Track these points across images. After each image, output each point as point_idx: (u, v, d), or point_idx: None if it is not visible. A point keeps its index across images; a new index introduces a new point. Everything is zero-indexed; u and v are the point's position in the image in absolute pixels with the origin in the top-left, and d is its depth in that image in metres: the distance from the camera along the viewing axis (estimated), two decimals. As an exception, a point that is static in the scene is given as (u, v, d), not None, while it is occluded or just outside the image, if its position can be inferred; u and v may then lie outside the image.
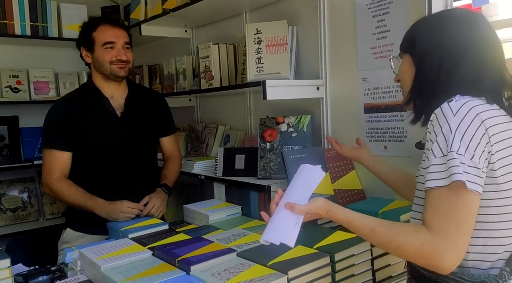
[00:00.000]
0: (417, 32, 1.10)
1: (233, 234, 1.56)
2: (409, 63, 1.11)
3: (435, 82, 1.04)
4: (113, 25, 1.89)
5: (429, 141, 0.98)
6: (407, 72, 1.12)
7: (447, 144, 0.93)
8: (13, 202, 2.96)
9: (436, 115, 0.98)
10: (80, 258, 1.40)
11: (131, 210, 1.79)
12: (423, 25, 1.11)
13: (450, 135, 0.93)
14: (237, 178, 1.96)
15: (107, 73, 1.88)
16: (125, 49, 1.90)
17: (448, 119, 0.95)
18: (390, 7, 1.66)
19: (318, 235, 1.41)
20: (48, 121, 1.90)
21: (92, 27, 1.88)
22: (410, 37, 1.12)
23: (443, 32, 1.05)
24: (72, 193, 1.83)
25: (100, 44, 1.86)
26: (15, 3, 2.78)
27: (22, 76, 2.97)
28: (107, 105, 1.91)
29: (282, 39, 1.88)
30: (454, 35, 1.04)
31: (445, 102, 0.98)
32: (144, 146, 1.99)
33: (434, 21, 1.09)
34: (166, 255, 1.34)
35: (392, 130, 1.69)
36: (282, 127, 1.90)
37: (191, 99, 2.74)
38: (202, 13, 2.30)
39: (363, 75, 1.77)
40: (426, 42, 1.06)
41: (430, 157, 0.95)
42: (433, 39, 1.06)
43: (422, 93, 1.07)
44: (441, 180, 0.92)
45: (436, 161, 0.94)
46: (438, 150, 0.94)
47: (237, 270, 1.20)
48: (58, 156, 1.85)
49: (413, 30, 1.12)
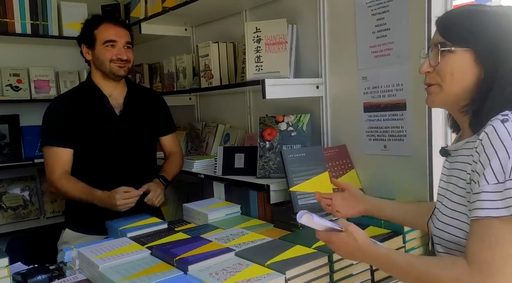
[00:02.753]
0: (484, 24, 0.94)
1: (231, 233, 1.55)
2: (469, 61, 0.96)
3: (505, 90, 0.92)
4: (115, 24, 1.89)
5: (477, 163, 0.90)
6: (465, 70, 0.96)
7: (504, 171, 0.84)
8: (14, 200, 2.97)
9: (488, 135, 0.89)
10: (79, 257, 1.40)
11: (127, 194, 1.72)
12: (490, 16, 0.95)
13: (509, 161, 0.84)
14: (236, 177, 1.96)
15: (107, 71, 1.88)
16: (126, 49, 1.90)
17: (505, 143, 0.86)
18: (390, 5, 1.64)
19: (317, 234, 1.41)
20: (47, 118, 1.90)
21: (94, 25, 1.88)
22: (476, 27, 0.95)
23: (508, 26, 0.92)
24: (72, 188, 1.82)
25: (101, 42, 1.86)
26: (15, 1, 2.78)
27: (23, 75, 2.97)
28: (106, 103, 1.91)
29: (281, 38, 1.87)
30: None
31: (498, 122, 0.89)
32: (142, 144, 1.99)
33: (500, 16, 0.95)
34: (164, 254, 1.34)
35: (392, 129, 1.69)
36: (282, 126, 1.90)
37: (191, 97, 2.74)
38: (202, 11, 2.29)
39: (362, 74, 1.76)
40: (506, 40, 0.92)
41: (482, 182, 0.87)
42: (509, 35, 0.92)
43: (489, 103, 0.93)
44: (495, 210, 0.84)
45: (490, 188, 0.86)
46: (493, 177, 0.86)
47: (234, 270, 1.20)
48: (58, 153, 1.85)
49: (475, 20, 0.96)
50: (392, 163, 1.69)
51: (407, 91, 1.62)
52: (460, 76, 0.97)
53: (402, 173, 1.65)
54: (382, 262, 1.01)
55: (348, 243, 1.04)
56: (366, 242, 1.03)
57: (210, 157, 2.28)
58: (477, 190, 0.88)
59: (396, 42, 1.63)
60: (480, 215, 0.86)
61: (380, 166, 1.73)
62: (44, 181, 3.06)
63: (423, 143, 1.56)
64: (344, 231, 1.05)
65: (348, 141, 1.85)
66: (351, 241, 1.03)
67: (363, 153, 1.79)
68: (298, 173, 1.65)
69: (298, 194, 1.62)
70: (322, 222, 1.06)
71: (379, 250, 1.01)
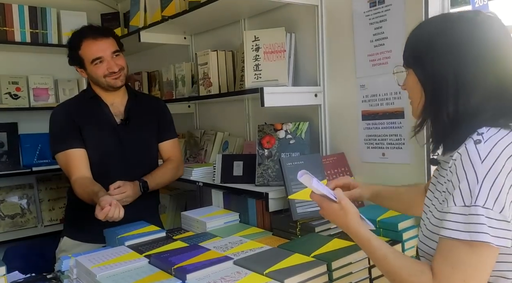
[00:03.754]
0: (422, 44, 0.97)
1: (230, 241, 1.55)
2: (415, 79, 0.99)
3: (454, 110, 0.92)
4: (95, 38, 1.83)
5: (449, 182, 0.90)
6: (415, 89, 1.00)
7: (471, 195, 0.84)
8: (12, 208, 2.95)
9: (460, 156, 0.88)
10: (76, 266, 1.39)
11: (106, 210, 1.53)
12: (429, 34, 0.96)
13: (476, 186, 0.83)
14: (235, 185, 1.96)
15: (104, 86, 1.89)
16: (115, 58, 1.87)
17: (475, 165, 0.85)
18: (387, 14, 1.66)
19: (315, 243, 1.41)
20: (53, 126, 1.90)
21: (76, 46, 1.85)
22: (415, 50, 0.99)
23: (457, 42, 0.92)
24: (81, 194, 1.77)
25: (88, 61, 1.84)
26: (15, 10, 2.80)
27: (22, 83, 2.98)
28: (107, 111, 1.91)
29: (280, 46, 1.88)
30: (471, 44, 0.91)
31: (472, 143, 0.88)
32: (143, 153, 1.98)
33: (443, 29, 0.95)
34: (162, 263, 1.33)
35: (390, 137, 1.69)
36: (280, 133, 1.90)
37: (190, 105, 2.75)
38: (201, 20, 2.31)
39: (360, 82, 1.77)
40: (438, 59, 0.93)
41: (449, 202, 0.87)
42: (446, 53, 0.92)
43: (439, 120, 0.95)
44: (459, 232, 0.84)
45: (456, 210, 0.86)
46: (460, 199, 0.85)
47: (233, 279, 1.20)
48: (71, 156, 1.82)
49: (417, 41, 0.99)
50: (391, 171, 1.69)
51: (405, 100, 1.62)
52: (415, 94, 1.01)
53: (400, 181, 1.64)
54: (362, 244, 1.04)
55: (337, 215, 1.07)
56: (355, 220, 1.05)
57: (209, 165, 2.28)
58: (445, 210, 0.88)
59: (394, 50, 1.65)
60: (444, 235, 0.87)
61: (378, 174, 1.73)
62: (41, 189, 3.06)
63: (421, 151, 1.57)
64: (338, 203, 1.07)
65: (346, 149, 1.85)
66: (341, 214, 1.06)
67: (361, 161, 1.79)
68: (297, 181, 1.62)
69: (297, 202, 1.62)
70: (319, 187, 1.09)
71: (363, 232, 1.04)
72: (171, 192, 2.74)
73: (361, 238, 1.03)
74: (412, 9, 1.57)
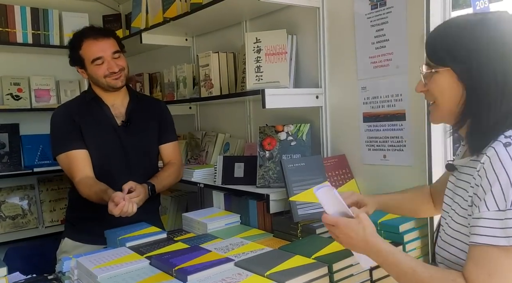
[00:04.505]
0: (464, 42, 0.93)
1: (231, 243, 1.55)
2: (452, 78, 0.95)
3: (499, 111, 0.90)
4: (96, 38, 1.83)
5: (478, 187, 0.88)
6: (450, 89, 0.96)
7: (505, 199, 0.83)
8: (13, 209, 2.96)
9: (490, 159, 0.87)
10: (77, 267, 1.39)
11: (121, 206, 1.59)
12: (471, 31, 0.93)
13: (510, 189, 0.83)
14: (236, 186, 1.96)
15: (104, 86, 1.89)
16: (115, 59, 1.86)
17: (507, 168, 0.84)
18: (389, 16, 1.66)
19: (316, 244, 1.40)
20: (54, 127, 1.90)
21: (77, 46, 1.85)
22: (454, 47, 0.95)
23: (500, 39, 0.90)
24: (88, 194, 1.77)
25: (89, 61, 1.84)
26: (17, 11, 2.81)
27: (23, 84, 2.99)
28: (108, 113, 1.91)
29: (281, 48, 1.89)
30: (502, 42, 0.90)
31: (501, 145, 0.87)
32: (144, 154, 1.98)
33: (483, 27, 0.92)
34: (163, 264, 1.33)
35: (392, 139, 1.69)
36: (282, 135, 1.90)
37: (191, 107, 2.75)
38: (203, 22, 2.31)
39: (362, 84, 1.77)
40: (485, 54, 0.90)
41: (482, 208, 0.86)
42: (492, 49, 0.90)
43: (485, 120, 0.92)
44: (495, 238, 0.83)
45: (489, 215, 0.84)
46: (493, 203, 0.84)
47: (234, 280, 1.19)
48: (73, 157, 1.82)
49: (456, 38, 0.95)
50: (392, 173, 1.69)
51: (407, 102, 1.62)
52: (449, 94, 0.97)
53: (401, 183, 1.64)
54: (384, 259, 0.99)
55: (354, 231, 1.02)
56: (374, 234, 1.01)
57: (210, 166, 2.28)
58: (477, 215, 0.87)
59: (395, 53, 1.64)
60: (478, 242, 0.86)
61: (379, 176, 1.73)
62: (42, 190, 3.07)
63: (423, 153, 1.56)
64: (355, 217, 1.04)
65: (347, 151, 1.85)
66: (359, 230, 1.01)
67: (362, 163, 1.79)
68: (298, 182, 1.65)
69: (298, 203, 1.61)
70: (340, 199, 1.06)
71: (385, 246, 0.99)
72: (172, 193, 2.74)
73: (384, 252, 0.99)
74: (414, 11, 1.57)
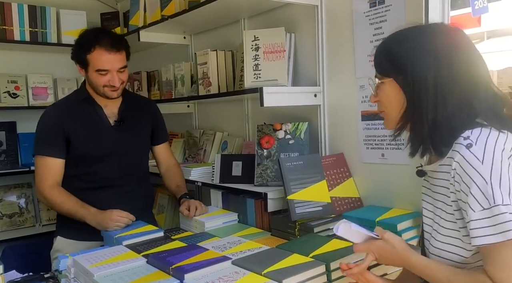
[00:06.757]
0: (401, 52, 1.00)
1: (228, 241, 1.55)
2: (395, 88, 1.02)
3: (435, 112, 0.96)
4: (109, 51, 1.78)
5: (460, 192, 0.92)
6: (395, 99, 1.02)
7: (486, 197, 0.87)
8: (10, 207, 2.95)
9: (459, 164, 0.91)
10: (74, 265, 1.39)
11: (121, 219, 1.74)
12: (406, 42, 1.01)
13: (487, 187, 0.87)
14: (234, 185, 1.96)
15: (100, 93, 1.86)
16: (120, 73, 1.83)
17: (478, 169, 0.88)
18: (387, 14, 1.66)
19: (314, 243, 1.40)
20: (41, 127, 1.88)
21: (87, 49, 1.79)
22: (394, 58, 1.01)
23: (433, 49, 0.97)
24: (64, 201, 1.80)
25: (93, 68, 1.80)
26: (14, 9, 2.80)
27: (21, 82, 2.97)
28: (101, 113, 1.90)
29: (279, 46, 1.88)
30: (446, 52, 0.96)
31: (464, 148, 0.91)
32: (136, 155, 1.99)
33: (418, 37, 1.00)
34: (160, 262, 1.33)
35: (390, 137, 1.67)
36: (280, 134, 1.90)
37: (189, 105, 2.74)
38: (201, 19, 2.30)
39: (360, 83, 1.77)
40: (419, 64, 0.97)
41: (468, 211, 0.89)
42: (425, 59, 0.97)
43: (421, 125, 0.98)
44: (491, 236, 0.86)
45: (477, 215, 0.88)
46: (476, 204, 0.88)
47: (231, 279, 1.19)
48: (50, 163, 1.83)
49: (395, 50, 1.02)
50: (390, 171, 1.69)
51: (405, 100, 1.62)
52: (395, 103, 1.03)
53: (400, 182, 1.65)
54: (420, 272, 1.01)
55: (386, 250, 1.05)
56: (405, 249, 1.03)
57: (208, 165, 2.28)
58: (467, 219, 0.90)
59: (394, 51, 1.64)
60: (476, 244, 0.89)
61: (377, 174, 1.73)
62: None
63: (421, 151, 1.56)
64: (381, 238, 1.06)
65: (345, 149, 1.85)
66: (389, 248, 1.04)
67: (360, 162, 1.79)
68: (296, 181, 1.64)
69: (296, 202, 1.61)
70: (360, 229, 1.08)
71: (418, 259, 1.02)
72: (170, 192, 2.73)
73: (418, 265, 1.01)
74: (412, 10, 1.56)
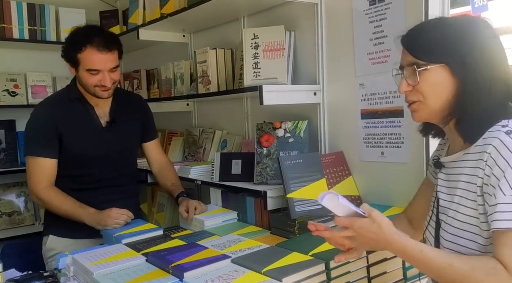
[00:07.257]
0: (458, 39, 0.98)
1: (228, 240, 1.54)
2: (443, 74, 0.99)
3: (487, 100, 0.96)
4: (100, 50, 1.73)
5: (490, 176, 0.92)
6: (440, 85, 0.99)
7: None
8: (9, 206, 2.95)
9: (496, 148, 0.92)
10: (73, 263, 1.39)
11: (120, 216, 1.74)
12: (454, 28, 0.99)
13: None
14: (233, 183, 1.95)
15: (90, 93, 1.83)
16: (111, 73, 1.79)
17: None
18: (387, 12, 1.65)
19: (314, 241, 1.40)
20: (32, 126, 1.83)
21: (78, 48, 1.74)
22: (448, 45, 0.98)
23: (481, 36, 0.97)
24: (62, 202, 1.79)
25: (84, 68, 1.75)
26: (13, 7, 2.79)
27: (20, 80, 2.97)
28: (92, 113, 1.88)
29: (279, 44, 1.88)
30: (492, 41, 0.98)
31: (503, 134, 0.93)
32: (128, 153, 2.00)
33: (466, 25, 1.00)
34: (159, 261, 1.32)
35: (389, 136, 1.68)
36: (279, 132, 1.90)
37: (188, 103, 2.74)
38: (200, 18, 2.30)
39: (360, 81, 1.76)
40: (476, 49, 0.96)
41: (498, 194, 0.89)
42: (481, 46, 0.96)
43: (473, 112, 0.97)
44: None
45: (507, 199, 0.88)
46: (508, 188, 0.88)
47: (231, 277, 1.19)
48: (43, 164, 1.80)
49: (441, 35, 0.99)
50: (389, 170, 1.69)
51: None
52: (441, 91, 1.00)
53: (399, 180, 1.65)
54: (412, 257, 0.96)
55: (371, 231, 0.97)
56: (393, 231, 0.97)
57: (207, 163, 2.27)
58: (494, 202, 0.91)
59: (393, 49, 1.62)
60: (501, 227, 0.88)
61: (377, 173, 1.73)
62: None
63: (420, 150, 1.56)
64: (367, 217, 0.99)
65: (345, 147, 1.85)
66: (374, 228, 0.97)
67: (360, 160, 1.79)
68: (296, 179, 1.64)
69: (295, 200, 1.61)
70: (347, 204, 1.00)
71: (410, 243, 0.96)
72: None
73: (409, 248, 0.95)
74: (412, 8, 1.56)
